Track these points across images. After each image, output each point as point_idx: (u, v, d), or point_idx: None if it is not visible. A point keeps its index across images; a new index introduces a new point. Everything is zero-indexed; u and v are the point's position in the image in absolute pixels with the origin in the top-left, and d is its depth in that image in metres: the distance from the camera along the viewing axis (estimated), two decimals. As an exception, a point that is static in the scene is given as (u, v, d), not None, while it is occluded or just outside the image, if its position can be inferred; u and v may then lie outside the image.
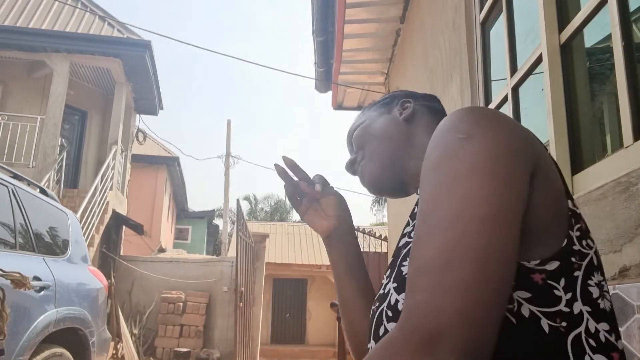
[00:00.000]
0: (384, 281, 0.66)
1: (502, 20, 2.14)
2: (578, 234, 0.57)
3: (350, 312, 0.86)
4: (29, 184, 3.55)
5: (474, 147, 0.52)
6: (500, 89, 2.17)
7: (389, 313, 0.61)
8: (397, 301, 0.60)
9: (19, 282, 2.41)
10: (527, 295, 0.52)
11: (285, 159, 0.87)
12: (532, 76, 1.93)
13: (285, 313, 14.30)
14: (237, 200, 7.86)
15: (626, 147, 1.30)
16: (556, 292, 0.52)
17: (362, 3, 4.09)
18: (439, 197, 0.51)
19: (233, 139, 14.50)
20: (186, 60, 79.69)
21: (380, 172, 0.81)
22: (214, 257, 13.34)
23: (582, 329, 0.52)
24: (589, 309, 0.53)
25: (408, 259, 0.57)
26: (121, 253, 9.72)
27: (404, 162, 0.79)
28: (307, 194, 0.88)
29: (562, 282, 0.53)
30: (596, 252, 0.59)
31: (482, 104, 2.31)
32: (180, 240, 19.43)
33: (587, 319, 0.53)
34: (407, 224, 0.71)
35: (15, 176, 3.31)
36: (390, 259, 0.79)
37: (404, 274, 0.61)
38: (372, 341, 0.64)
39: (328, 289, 13.66)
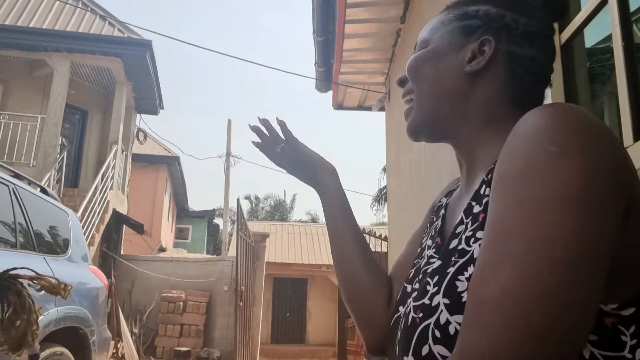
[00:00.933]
0: (429, 288, 0.58)
1: (502, 20, 2.14)
2: None
3: (350, 269, 0.81)
4: (30, 183, 3.55)
5: (566, 172, 0.44)
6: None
7: (437, 334, 0.53)
8: (448, 322, 0.52)
9: (51, 287, 2.12)
10: (594, 338, 0.47)
11: (259, 118, 0.92)
12: (532, 76, 1.92)
13: (285, 313, 14.31)
14: (238, 199, 7.87)
15: (626, 148, 1.30)
16: (623, 337, 0.47)
17: (362, 3, 4.08)
18: (514, 224, 0.44)
19: (233, 139, 14.51)
20: (187, 60, 79.74)
21: (417, 122, 0.70)
22: (214, 256, 13.34)
23: None
24: None
25: (465, 273, 0.53)
26: (121, 252, 9.73)
27: (453, 122, 0.67)
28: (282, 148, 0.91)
29: (632, 328, 0.48)
30: None
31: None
32: (180, 240, 19.44)
33: None
34: (461, 222, 0.60)
35: (16, 175, 3.31)
36: (411, 258, 0.75)
37: (459, 290, 0.53)
38: (410, 357, 0.56)
39: (328, 289, 13.67)
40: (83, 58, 8.83)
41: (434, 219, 0.75)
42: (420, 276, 0.64)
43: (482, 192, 0.58)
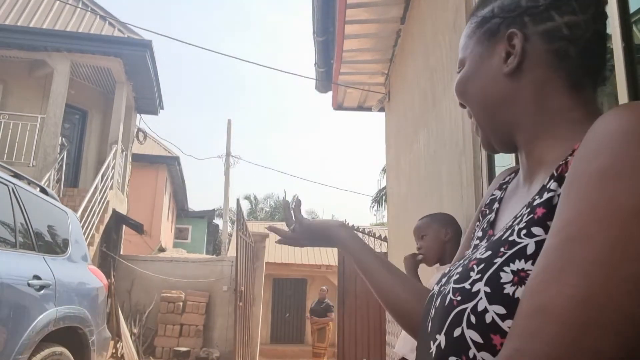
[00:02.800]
0: (472, 274, 0.55)
1: (502, 21, 2.14)
2: None
3: (392, 296, 0.83)
4: (30, 183, 3.55)
5: None
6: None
7: (472, 319, 0.52)
8: (485, 310, 0.50)
9: None
10: None
11: (296, 199, 0.99)
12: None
13: (285, 313, 14.31)
14: (237, 200, 7.87)
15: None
16: None
17: (362, 3, 4.09)
18: (589, 228, 0.41)
19: (233, 139, 14.52)
20: (187, 60, 79.78)
21: (485, 138, 0.69)
22: (214, 256, 13.34)
23: None
24: None
25: (512, 266, 0.51)
26: (121, 252, 9.73)
27: (515, 128, 0.64)
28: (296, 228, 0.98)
29: None
30: None
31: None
32: (180, 240, 19.44)
33: None
34: (520, 219, 0.56)
35: (16, 175, 3.31)
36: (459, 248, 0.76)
37: (502, 281, 0.51)
38: (442, 336, 0.55)
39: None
40: (83, 58, 8.83)
41: (487, 212, 0.74)
42: (465, 262, 0.62)
43: (547, 186, 0.55)
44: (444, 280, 0.64)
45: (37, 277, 2.85)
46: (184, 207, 19.84)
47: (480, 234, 0.70)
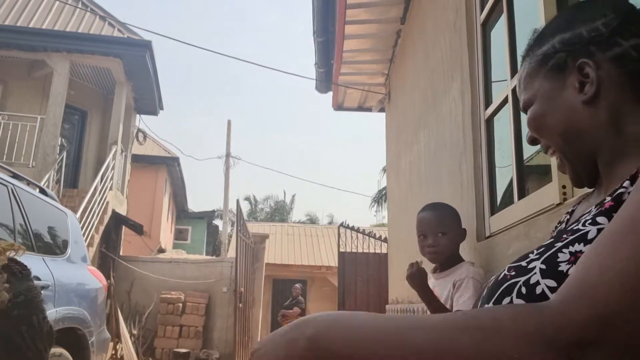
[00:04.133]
0: (531, 255, 0.59)
1: (503, 21, 2.14)
2: None
3: None
4: (29, 183, 3.54)
5: None
6: (501, 90, 2.17)
7: (523, 290, 0.55)
8: (537, 283, 0.54)
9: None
10: None
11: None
12: (533, 77, 1.91)
13: (284, 314, 14.29)
14: (237, 200, 7.87)
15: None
16: None
17: (362, 4, 4.08)
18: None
19: (233, 140, 14.51)
20: (187, 60, 79.78)
21: (573, 170, 0.70)
22: (214, 257, 13.33)
23: None
24: None
25: (571, 248, 0.55)
26: (121, 253, 9.72)
27: (594, 153, 0.66)
28: None
29: None
30: None
31: (482, 106, 2.31)
32: (179, 241, 19.42)
33: None
34: (587, 214, 0.60)
35: (15, 176, 3.30)
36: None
37: (559, 260, 0.55)
38: (490, 304, 0.58)
39: (327, 290, 13.65)
40: (83, 58, 8.83)
41: (556, 227, 0.79)
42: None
43: (618, 190, 0.58)
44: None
45: (36, 278, 2.84)
46: (184, 208, 19.84)
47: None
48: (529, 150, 1.85)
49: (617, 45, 0.63)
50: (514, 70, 2.05)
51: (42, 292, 2.85)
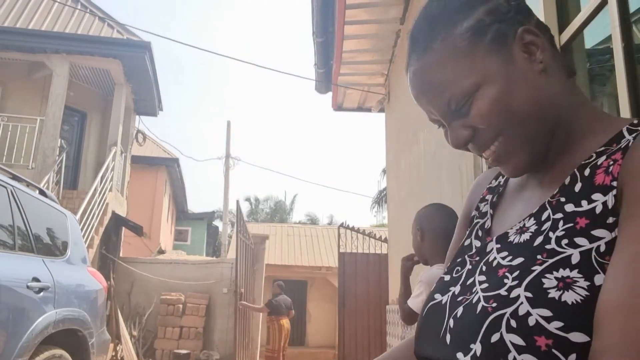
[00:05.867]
0: (507, 281, 0.55)
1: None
2: None
3: None
4: (28, 185, 3.54)
5: None
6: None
7: (513, 323, 0.52)
8: (528, 314, 0.51)
9: None
10: None
11: None
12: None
13: (284, 314, 14.28)
14: (237, 201, 7.87)
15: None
16: None
17: (362, 4, 4.09)
18: None
19: (233, 140, 14.51)
20: (186, 61, 79.82)
21: (527, 160, 0.62)
22: (214, 258, 13.32)
23: None
24: None
25: (555, 273, 0.52)
26: (120, 254, 9.71)
27: (556, 126, 0.61)
28: None
29: None
30: None
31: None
32: (179, 242, 19.42)
33: None
34: (538, 215, 0.58)
35: (15, 177, 3.30)
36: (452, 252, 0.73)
37: (545, 286, 0.52)
38: (477, 344, 0.54)
39: (328, 291, 13.65)
40: (82, 59, 8.82)
41: (477, 217, 0.73)
42: (484, 269, 0.61)
43: (576, 189, 0.56)
44: (453, 289, 0.63)
45: (36, 280, 2.84)
46: (184, 209, 19.83)
47: (477, 243, 0.69)
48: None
49: (532, 13, 0.61)
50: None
51: (41, 293, 2.86)
